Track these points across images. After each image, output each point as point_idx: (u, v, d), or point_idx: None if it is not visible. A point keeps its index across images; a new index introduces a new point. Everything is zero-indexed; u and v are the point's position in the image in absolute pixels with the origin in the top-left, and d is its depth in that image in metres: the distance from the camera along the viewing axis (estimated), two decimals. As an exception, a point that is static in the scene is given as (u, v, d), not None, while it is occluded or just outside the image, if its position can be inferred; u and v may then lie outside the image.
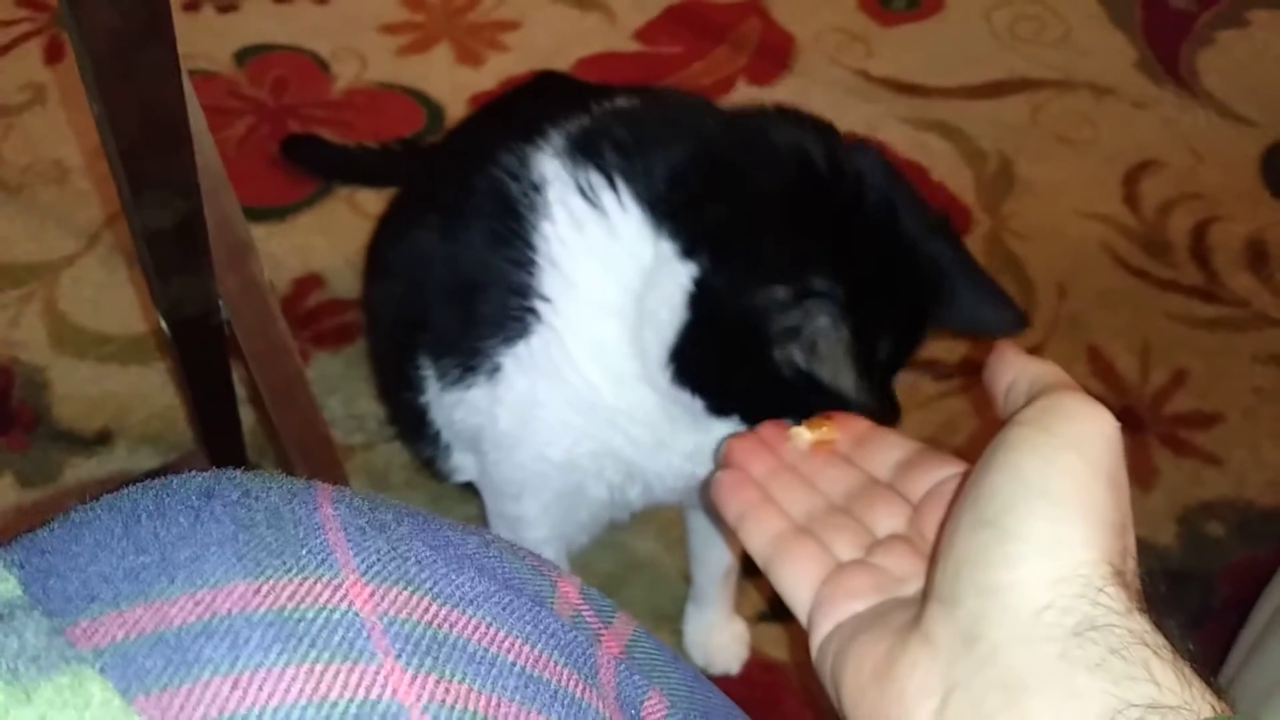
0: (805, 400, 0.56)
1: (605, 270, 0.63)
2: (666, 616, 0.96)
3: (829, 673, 0.40)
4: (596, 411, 0.66)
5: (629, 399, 0.65)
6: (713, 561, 0.89)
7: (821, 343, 0.56)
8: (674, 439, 0.66)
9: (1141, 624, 0.33)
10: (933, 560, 0.38)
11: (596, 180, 0.63)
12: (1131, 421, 1.09)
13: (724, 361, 0.61)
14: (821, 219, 0.59)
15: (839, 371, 0.56)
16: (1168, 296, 1.21)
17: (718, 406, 0.62)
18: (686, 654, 0.94)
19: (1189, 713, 0.31)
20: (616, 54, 1.44)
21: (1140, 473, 1.05)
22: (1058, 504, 0.35)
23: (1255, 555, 1.00)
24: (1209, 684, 0.33)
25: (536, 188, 0.66)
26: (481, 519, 0.85)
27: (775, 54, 1.45)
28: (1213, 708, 0.31)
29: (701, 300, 0.60)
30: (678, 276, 0.60)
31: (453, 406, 0.75)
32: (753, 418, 0.60)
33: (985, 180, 1.32)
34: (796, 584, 0.44)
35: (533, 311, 0.66)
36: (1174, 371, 1.14)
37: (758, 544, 0.46)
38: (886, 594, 0.41)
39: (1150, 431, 1.08)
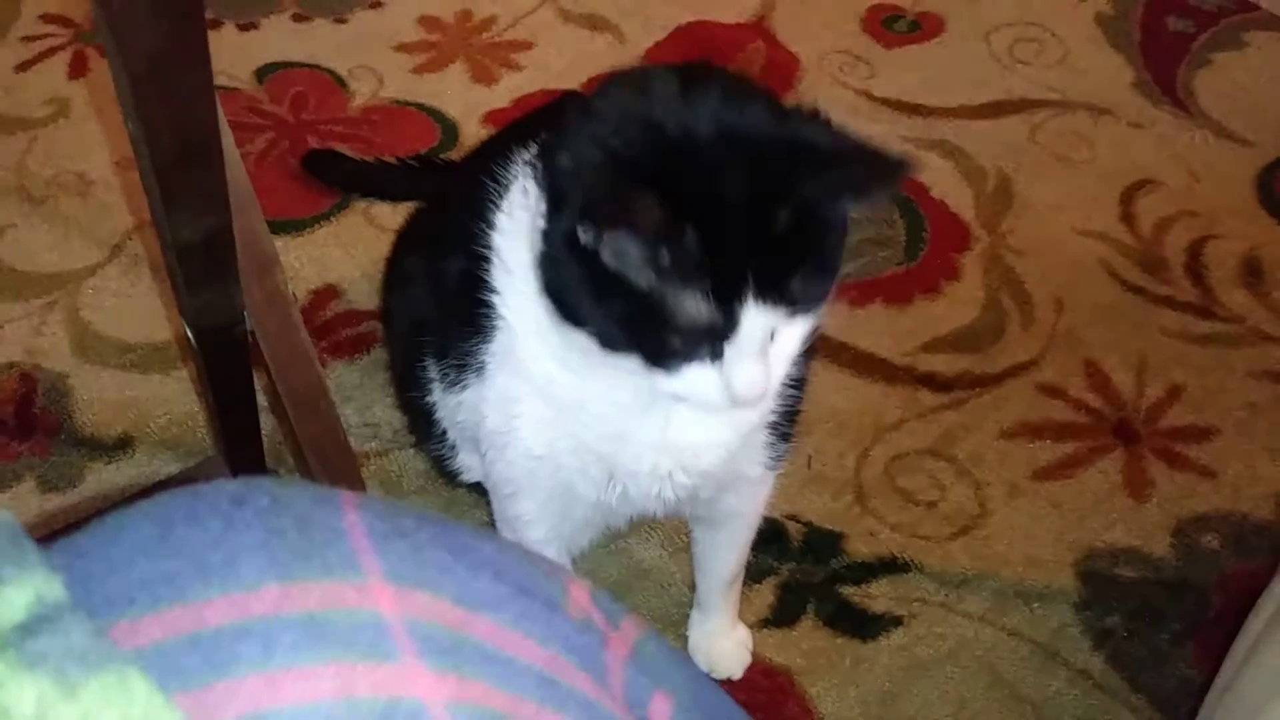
0: (656, 312, 0.55)
1: (527, 252, 0.63)
2: (671, 622, 0.98)
3: None
4: (561, 404, 0.67)
5: (580, 387, 0.65)
6: (716, 571, 0.91)
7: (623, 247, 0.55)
8: (632, 428, 0.66)
9: None
10: None
11: (533, 171, 0.64)
12: (1127, 435, 1.11)
13: (578, 285, 0.60)
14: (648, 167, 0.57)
15: (641, 273, 0.56)
16: (1163, 312, 1.23)
17: (597, 333, 0.60)
18: (690, 659, 0.96)
19: None
20: (625, 73, 1.48)
21: (1136, 485, 1.07)
22: None
23: (1249, 567, 1.02)
24: None
25: (509, 184, 0.67)
26: (492, 525, 0.87)
27: (780, 75, 1.48)
28: None
29: (544, 235, 0.60)
30: (538, 223, 0.61)
31: (454, 408, 0.76)
32: (629, 340, 0.58)
33: (984, 198, 1.34)
34: None
35: (494, 306, 0.67)
36: (1169, 386, 1.16)
37: None
38: None
39: (1145, 445, 1.10)
